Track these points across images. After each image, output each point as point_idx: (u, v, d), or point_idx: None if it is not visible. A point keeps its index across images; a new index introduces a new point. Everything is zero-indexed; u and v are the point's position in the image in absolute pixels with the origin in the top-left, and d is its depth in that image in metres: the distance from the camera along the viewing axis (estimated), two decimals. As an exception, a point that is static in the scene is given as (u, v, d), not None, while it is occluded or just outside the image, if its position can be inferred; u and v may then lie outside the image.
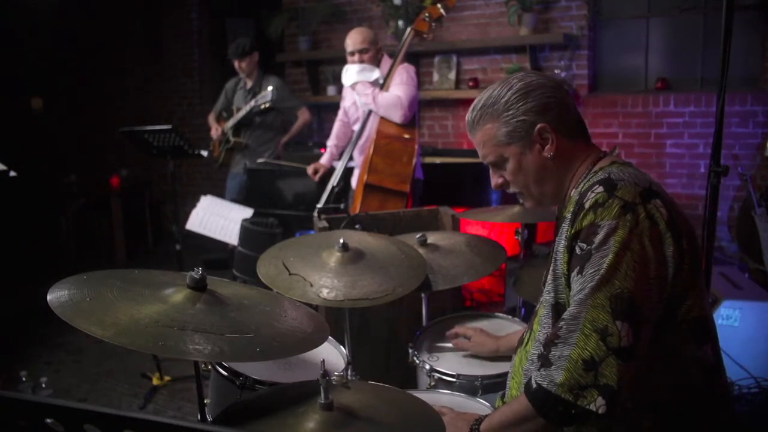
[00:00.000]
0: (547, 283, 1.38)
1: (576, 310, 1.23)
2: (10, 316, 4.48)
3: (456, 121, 5.38)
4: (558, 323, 1.26)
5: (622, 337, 1.17)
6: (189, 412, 3.22)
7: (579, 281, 1.25)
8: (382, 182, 3.37)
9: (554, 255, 1.36)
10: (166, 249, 6.06)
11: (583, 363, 1.18)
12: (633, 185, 1.27)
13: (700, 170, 4.45)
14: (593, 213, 1.25)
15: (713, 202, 2.01)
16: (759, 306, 2.79)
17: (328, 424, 1.15)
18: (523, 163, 1.42)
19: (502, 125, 1.41)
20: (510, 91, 1.41)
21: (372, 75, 3.49)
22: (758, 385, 2.70)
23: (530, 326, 1.48)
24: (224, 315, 1.29)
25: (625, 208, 1.23)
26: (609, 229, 1.23)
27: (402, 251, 2.04)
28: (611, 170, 1.33)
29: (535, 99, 1.39)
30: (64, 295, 1.24)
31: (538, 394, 1.23)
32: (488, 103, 1.43)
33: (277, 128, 4.86)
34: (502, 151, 1.42)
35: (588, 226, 1.26)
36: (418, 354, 1.96)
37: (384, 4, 5.29)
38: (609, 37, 4.87)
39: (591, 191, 1.28)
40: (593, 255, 1.23)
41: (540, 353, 1.27)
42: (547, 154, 1.40)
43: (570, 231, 1.30)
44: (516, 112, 1.39)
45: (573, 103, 1.44)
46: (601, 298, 1.20)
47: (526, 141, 1.40)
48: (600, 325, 1.19)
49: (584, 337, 1.19)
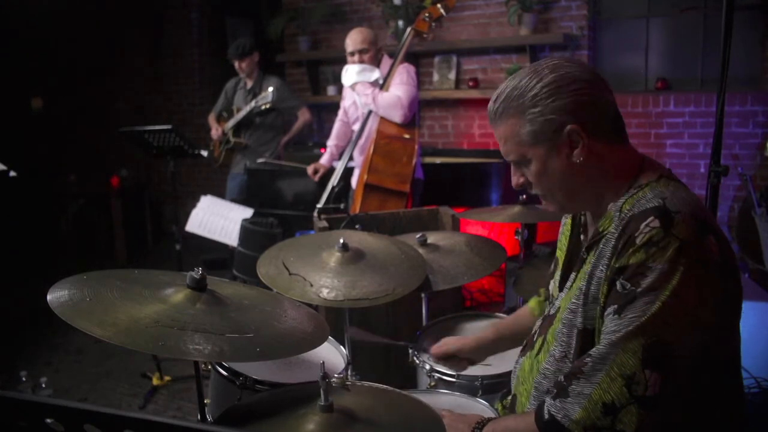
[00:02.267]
0: (572, 301, 1.27)
1: (606, 350, 1.15)
2: (10, 316, 4.48)
3: (456, 121, 5.38)
4: (584, 358, 1.19)
5: (648, 386, 1.11)
6: (189, 412, 3.22)
7: (615, 321, 1.16)
8: (382, 182, 3.37)
9: (588, 277, 1.24)
10: (166, 249, 6.05)
11: (603, 406, 1.13)
12: (691, 218, 1.15)
13: (700, 170, 4.45)
14: (645, 252, 1.13)
15: (713, 202, 2.00)
16: (759, 306, 2.79)
17: (328, 426, 1.15)
18: (548, 166, 1.27)
19: (527, 123, 1.25)
20: (540, 83, 1.23)
21: (372, 75, 3.49)
22: (758, 385, 2.70)
23: (542, 332, 1.40)
24: (224, 315, 1.29)
25: (680, 250, 1.12)
26: (660, 274, 1.12)
27: (402, 251, 2.04)
28: (664, 194, 1.20)
29: (568, 95, 1.22)
30: (64, 295, 1.24)
31: (550, 425, 1.19)
32: (513, 94, 1.26)
33: (277, 128, 4.86)
34: (525, 151, 1.27)
35: (636, 264, 1.14)
36: (418, 354, 1.96)
37: (384, 4, 5.29)
38: (609, 37, 4.87)
39: (645, 224, 1.15)
40: (638, 299, 1.13)
41: (558, 382, 1.22)
42: (576, 159, 1.24)
43: (614, 262, 1.18)
44: (544, 110, 1.23)
45: (611, 99, 1.28)
46: (635, 344, 1.12)
47: (553, 143, 1.24)
48: (628, 371, 1.12)
49: (609, 380, 1.14)
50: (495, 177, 4.31)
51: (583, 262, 1.31)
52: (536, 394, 1.36)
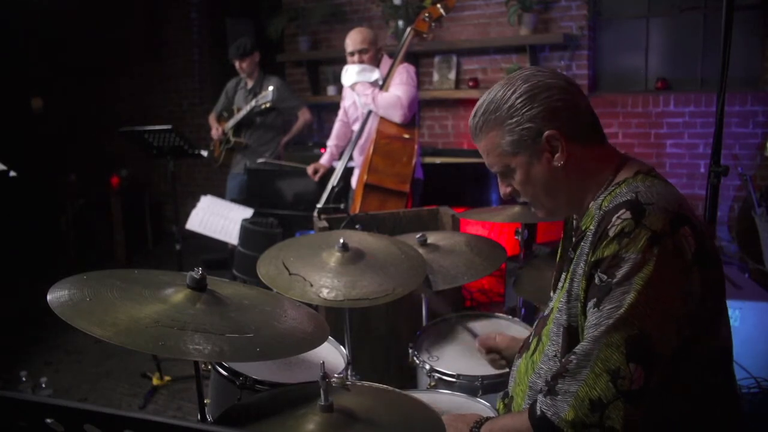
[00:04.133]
0: (560, 301, 1.30)
1: (589, 346, 1.17)
2: (10, 316, 4.48)
3: (456, 121, 5.38)
4: (569, 356, 1.21)
5: (633, 380, 1.12)
6: (189, 412, 3.22)
7: (595, 315, 1.18)
8: (382, 182, 3.37)
9: (572, 275, 1.27)
10: (166, 249, 6.06)
11: (590, 402, 1.14)
12: (662, 211, 1.17)
13: (700, 170, 4.44)
14: (617, 243, 1.16)
15: (713, 202, 2.01)
16: (759, 306, 2.79)
17: (328, 425, 1.15)
18: (531, 173, 1.31)
19: (506, 134, 1.29)
20: (514, 94, 1.28)
21: (372, 75, 3.49)
22: (758, 385, 2.70)
23: (537, 332, 1.42)
24: (224, 315, 1.29)
25: (652, 240, 1.14)
26: (633, 263, 1.14)
27: (402, 251, 2.04)
28: (638, 187, 1.22)
29: (542, 103, 1.26)
30: (64, 295, 1.24)
31: (542, 422, 1.20)
32: (490, 108, 1.31)
33: (277, 128, 4.86)
34: (508, 161, 1.32)
35: (611, 256, 1.17)
36: (418, 354, 1.96)
37: (384, 4, 5.29)
38: (609, 37, 4.87)
39: (617, 216, 1.18)
40: (613, 290, 1.15)
41: (547, 380, 1.24)
42: (557, 163, 1.28)
43: (590, 257, 1.21)
44: (521, 119, 1.27)
45: (585, 102, 1.32)
46: (617, 338, 1.13)
47: (533, 150, 1.28)
48: (612, 366, 1.13)
49: (594, 376, 1.15)
50: (495, 177, 4.30)
51: (570, 261, 1.32)
52: (530, 393, 1.37)
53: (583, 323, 1.23)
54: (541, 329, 1.39)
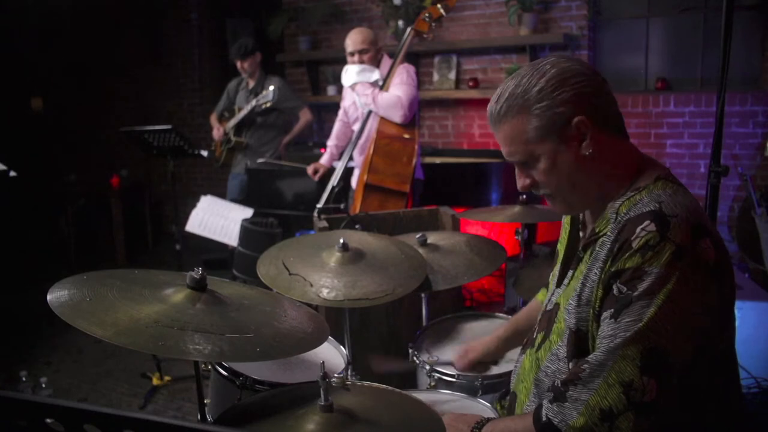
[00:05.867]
0: (569, 303, 1.28)
1: (603, 357, 1.15)
2: (10, 316, 4.48)
3: (456, 121, 5.38)
4: (581, 364, 1.19)
5: (646, 392, 1.11)
6: (189, 412, 3.22)
7: (612, 326, 1.15)
8: (382, 182, 3.37)
9: (583, 278, 1.25)
10: (166, 249, 6.06)
11: (600, 412, 1.13)
12: (686, 222, 1.14)
13: (700, 170, 4.45)
14: (641, 256, 1.13)
15: (713, 202, 2.00)
16: (759, 306, 2.79)
17: (328, 425, 1.15)
18: (558, 161, 1.25)
19: (534, 118, 1.23)
20: (543, 78, 1.23)
21: (372, 75, 3.49)
22: (758, 385, 2.70)
23: (541, 327, 1.41)
24: (224, 315, 1.29)
25: (675, 254, 1.12)
26: (656, 278, 1.12)
27: (402, 251, 2.03)
28: (661, 197, 1.20)
29: (573, 88, 1.22)
30: (64, 295, 1.24)
31: (547, 428, 1.20)
32: (517, 92, 1.24)
33: (278, 128, 4.86)
34: (534, 148, 1.25)
35: (633, 269, 1.14)
36: (418, 354, 1.96)
37: (384, 4, 5.29)
38: (609, 37, 4.87)
39: (642, 228, 1.15)
40: (633, 303, 1.13)
41: (556, 386, 1.23)
42: (585, 151, 1.23)
43: (608, 266, 1.18)
44: (551, 103, 1.22)
45: (611, 93, 1.28)
46: (633, 351, 1.12)
47: (562, 136, 1.23)
48: (626, 378, 1.12)
49: (606, 386, 1.14)
50: (495, 177, 4.31)
51: (579, 260, 1.31)
52: (536, 391, 1.36)
53: (594, 330, 1.22)
54: (548, 325, 1.37)
